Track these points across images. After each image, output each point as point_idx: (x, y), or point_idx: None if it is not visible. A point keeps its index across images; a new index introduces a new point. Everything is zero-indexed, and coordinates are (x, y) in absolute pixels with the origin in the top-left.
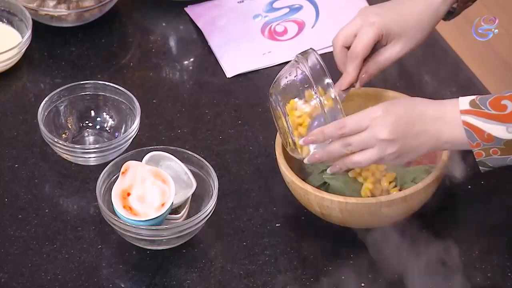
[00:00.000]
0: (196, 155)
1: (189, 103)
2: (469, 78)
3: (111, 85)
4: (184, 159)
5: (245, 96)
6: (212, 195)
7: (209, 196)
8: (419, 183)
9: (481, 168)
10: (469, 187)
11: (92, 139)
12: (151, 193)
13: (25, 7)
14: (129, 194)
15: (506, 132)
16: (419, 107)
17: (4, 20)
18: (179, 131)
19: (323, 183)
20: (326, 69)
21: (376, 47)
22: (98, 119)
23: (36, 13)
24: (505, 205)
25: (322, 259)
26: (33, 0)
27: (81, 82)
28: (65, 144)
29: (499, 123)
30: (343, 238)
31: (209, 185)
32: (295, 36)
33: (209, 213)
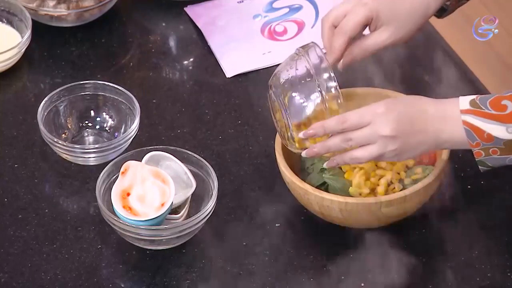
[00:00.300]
0: (196, 155)
1: (189, 103)
2: (469, 78)
3: (111, 85)
4: (184, 159)
5: (245, 96)
6: (211, 195)
7: (209, 196)
8: (419, 183)
9: (480, 167)
10: (469, 187)
11: (92, 139)
12: (151, 193)
13: (25, 7)
14: (129, 194)
15: (506, 132)
16: (420, 105)
17: (3, 20)
18: (179, 131)
19: (323, 183)
20: (327, 61)
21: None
22: (98, 119)
23: (36, 13)
24: (505, 205)
25: (322, 259)
26: (33, 0)
27: (81, 82)
28: (65, 144)
29: (499, 123)
30: (343, 238)
31: (209, 185)
32: (295, 36)
33: (209, 213)
